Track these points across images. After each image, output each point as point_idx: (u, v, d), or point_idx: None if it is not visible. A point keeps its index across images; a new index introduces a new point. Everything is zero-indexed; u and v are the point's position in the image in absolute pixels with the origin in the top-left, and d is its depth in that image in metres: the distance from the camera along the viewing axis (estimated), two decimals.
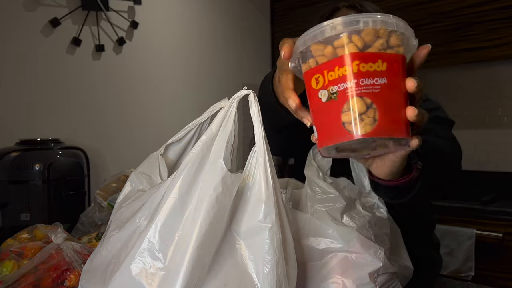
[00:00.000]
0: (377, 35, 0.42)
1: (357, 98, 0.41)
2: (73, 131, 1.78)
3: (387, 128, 0.42)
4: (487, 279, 1.82)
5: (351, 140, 0.42)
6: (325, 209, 0.65)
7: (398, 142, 0.45)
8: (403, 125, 0.43)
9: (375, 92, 0.41)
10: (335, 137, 0.43)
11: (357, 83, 0.41)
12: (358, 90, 0.41)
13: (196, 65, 2.33)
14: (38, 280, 0.67)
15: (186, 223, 0.46)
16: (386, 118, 0.41)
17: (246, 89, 0.53)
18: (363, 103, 0.41)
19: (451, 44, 2.09)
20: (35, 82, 1.68)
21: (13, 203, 1.28)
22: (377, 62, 0.42)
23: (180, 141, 0.65)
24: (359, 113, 0.41)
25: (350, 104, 0.41)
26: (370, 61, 0.42)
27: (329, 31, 0.43)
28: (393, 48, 0.43)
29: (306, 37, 0.45)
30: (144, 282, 0.45)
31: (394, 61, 0.43)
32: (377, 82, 0.41)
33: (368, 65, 0.42)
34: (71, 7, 1.78)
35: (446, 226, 1.90)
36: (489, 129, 2.30)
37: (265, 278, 0.46)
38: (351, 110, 0.41)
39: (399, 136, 0.43)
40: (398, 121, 0.43)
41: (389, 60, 0.42)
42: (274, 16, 2.80)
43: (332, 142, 0.44)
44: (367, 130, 0.41)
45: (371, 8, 0.96)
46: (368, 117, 0.41)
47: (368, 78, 0.41)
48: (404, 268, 0.70)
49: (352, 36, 0.42)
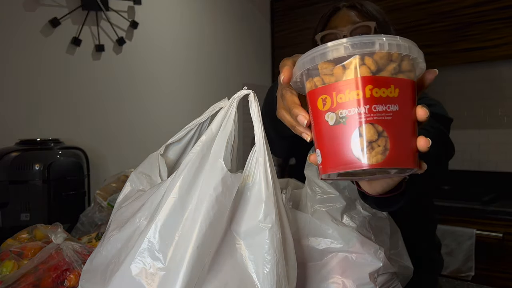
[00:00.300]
0: (391, 59, 0.40)
1: (368, 125, 0.39)
2: (73, 131, 1.78)
3: (398, 158, 0.40)
4: (487, 279, 1.82)
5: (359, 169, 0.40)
6: (325, 209, 0.65)
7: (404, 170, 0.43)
8: (412, 155, 0.41)
9: (387, 119, 0.39)
10: (343, 164, 0.41)
11: (370, 109, 0.39)
12: (370, 117, 0.39)
13: (196, 65, 2.33)
14: (38, 280, 0.67)
15: (186, 223, 0.46)
16: (397, 148, 0.39)
17: (246, 89, 0.53)
18: (374, 130, 0.39)
19: (451, 44, 2.09)
20: (35, 82, 1.68)
21: (13, 203, 1.28)
22: (389, 87, 0.40)
23: (180, 141, 0.65)
24: (370, 141, 0.39)
25: (361, 131, 0.39)
26: (383, 87, 0.40)
27: (342, 51, 0.40)
28: (404, 73, 0.41)
29: (315, 53, 0.42)
30: (144, 282, 0.45)
31: (406, 87, 0.41)
32: (389, 109, 0.39)
33: (381, 91, 0.39)
34: (71, 7, 1.78)
35: (446, 226, 1.90)
36: (489, 129, 2.30)
37: (265, 278, 0.46)
38: (361, 137, 0.39)
39: (408, 167, 0.41)
40: (409, 151, 0.41)
41: (401, 86, 0.41)
42: (274, 16, 2.80)
43: (338, 169, 0.41)
44: (378, 159, 0.39)
45: (372, 8, 0.96)
46: (379, 146, 0.39)
47: (380, 105, 0.39)
48: (404, 268, 0.70)
49: (365, 58, 0.40)
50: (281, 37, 2.77)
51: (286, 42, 2.72)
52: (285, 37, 2.74)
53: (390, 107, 0.40)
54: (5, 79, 1.59)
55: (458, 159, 2.34)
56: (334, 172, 0.42)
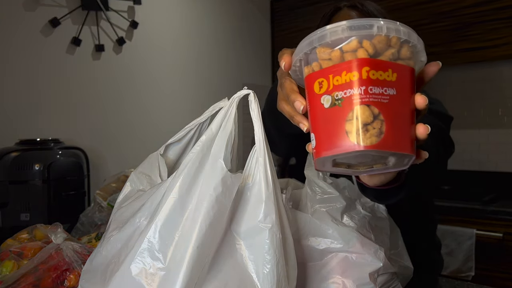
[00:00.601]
0: (389, 44, 0.40)
1: (364, 107, 0.38)
2: (73, 131, 1.78)
3: (394, 142, 0.39)
4: (487, 279, 1.82)
5: (353, 151, 0.39)
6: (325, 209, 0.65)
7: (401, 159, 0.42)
8: (409, 141, 0.40)
9: (384, 102, 0.39)
10: (336, 147, 0.39)
11: (366, 90, 0.38)
12: (366, 98, 0.38)
13: (196, 65, 2.33)
14: (38, 280, 0.67)
15: (186, 223, 0.46)
16: (393, 132, 0.39)
17: (246, 89, 0.53)
18: (370, 112, 0.38)
19: (451, 44, 2.09)
20: (35, 82, 1.68)
21: (13, 203, 1.28)
22: (387, 71, 0.39)
23: (180, 141, 0.65)
24: (365, 123, 0.38)
25: (356, 112, 0.38)
26: (381, 69, 0.39)
27: (340, 33, 0.40)
28: (403, 60, 0.41)
29: (313, 37, 0.42)
30: (144, 282, 0.45)
31: (404, 73, 0.40)
32: (386, 92, 0.39)
33: (378, 73, 0.39)
34: (71, 7, 1.78)
35: (446, 226, 1.90)
36: (489, 129, 2.30)
37: (265, 278, 0.46)
38: (356, 118, 0.38)
39: (404, 152, 0.40)
40: (405, 137, 0.40)
41: (399, 71, 0.40)
42: (274, 16, 2.80)
43: (332, 152, 0.40)
44: (372, 141, 0.38)
45: (373, 8, 0.96)
46: (374, 128, 0.38)
47: (377, 87, 0.39)
48: (404, 268, 0.70)
49: (363, 41, 0.39)
50: (281, 37, 2.77)
51: (286, 42, 2.72)
52: (285, 37, 2.74)
53: (388, 90, 0.39)
54: (5, 79, 1.59)
55: (458, 159, 2.34)
56: (328, 155, 0.41)
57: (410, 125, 0.41)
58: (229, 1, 2.52)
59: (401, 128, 0.40)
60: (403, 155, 0.41)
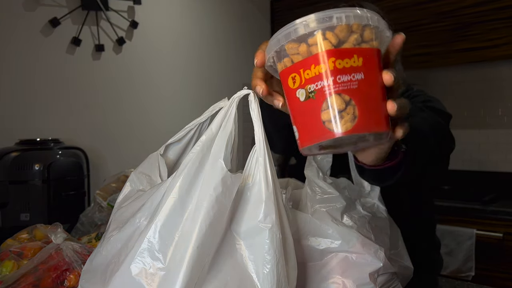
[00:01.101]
0: (351, 30, 0.42)
1: (335, 96, 0.41)
2: (73, 131, 1.78)
3: (368, 124, 0.42)
4: (487, 279, 1.82)
5: (332, 139, 0.42)
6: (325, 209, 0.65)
7: (379, 136, 0.44)
8: (383, 119, 0.43)
9: (353, 88, 0.41)
10: (316, 136, 0.43)
11: (334, 80, 0.41)
12: (336, 88, 0.41)
13: (196, 65, 2.33)
14: (38, 280, 0.67)
15: (186, 223, 0.46)
16: (365, 114, 0.41)
17: (246, 89, 0.53)
18: (341, 100, 0.41)
19: (451, 44, 2.09)
20: (35, 82, 1.68)
21: (13, 203, 1.28)
22: (352, 57, 0.41)
23: (180, 141, 0.65)
24: (338, 110, 0.41)
25: (329, 102, 0.41)
26: (346, 57, 0.41)
27: (302, 29, 0.42)
28: (367, 43, 0.43)
29: (279, 35, 0.44)
30: (144, 282, 0.45)
31: (369, 55, 0.43)
32: (354, 78, 0.41)
33: (344, 62, 0.41)
34: (71, 7, 1.78)
35: (446, 226, 1.90)
36: (489, 129, 2.30)
37: (265, 278, 0.46)
38: (330, 108, 0.41)
39: (379, 131, 0.43)
40: (378, 116, 0.43)
41: (364, 54, 0.42)
42: (274, 16, 2.80)
43: (313, 141, 0.43)
44: (347, 127, 0.41)
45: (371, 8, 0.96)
46: (347, 114, 0.41)
47: (345, 75, 0.41)
48: (404, 268, 0.70)
49: (326, 33, 0.42)
50: None
51: None
52: None
53: (355, 76, 0.41)
54: (5, 79, 1.59)
55: (458, 159, 2.34)
56: (310, 145, 0.44)
57: (382, 103, 0.43)
58: (229, 1, 2.52)
59: (373, 109, 0.42)
60: (380, 133, 0.44)
